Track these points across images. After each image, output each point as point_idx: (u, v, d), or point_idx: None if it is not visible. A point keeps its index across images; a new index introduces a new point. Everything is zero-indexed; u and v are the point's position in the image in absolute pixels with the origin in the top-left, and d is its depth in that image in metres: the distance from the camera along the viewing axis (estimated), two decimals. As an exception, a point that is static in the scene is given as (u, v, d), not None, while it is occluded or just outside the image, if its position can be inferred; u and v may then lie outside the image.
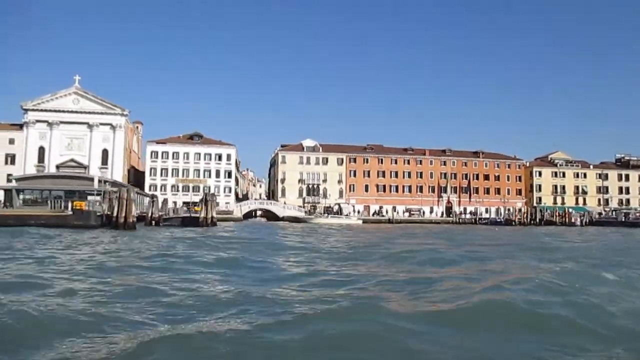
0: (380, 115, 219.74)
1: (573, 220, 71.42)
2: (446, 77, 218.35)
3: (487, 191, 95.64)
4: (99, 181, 43.19)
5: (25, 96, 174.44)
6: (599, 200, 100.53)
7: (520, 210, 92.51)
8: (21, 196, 45.08)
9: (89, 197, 42.42)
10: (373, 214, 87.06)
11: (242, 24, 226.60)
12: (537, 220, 72.99)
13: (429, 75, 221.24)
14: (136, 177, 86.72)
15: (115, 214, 33.53)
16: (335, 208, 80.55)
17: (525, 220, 72.66)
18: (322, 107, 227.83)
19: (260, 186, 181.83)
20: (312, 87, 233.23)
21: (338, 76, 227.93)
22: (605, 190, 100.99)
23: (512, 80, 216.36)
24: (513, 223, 69.95)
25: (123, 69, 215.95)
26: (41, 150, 79.59)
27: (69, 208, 35.88)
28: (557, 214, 75.82)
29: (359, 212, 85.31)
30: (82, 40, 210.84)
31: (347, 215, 75.30)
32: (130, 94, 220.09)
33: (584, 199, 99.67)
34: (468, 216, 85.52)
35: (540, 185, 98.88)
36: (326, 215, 73.28)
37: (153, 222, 42.13)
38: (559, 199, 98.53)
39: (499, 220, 75.57)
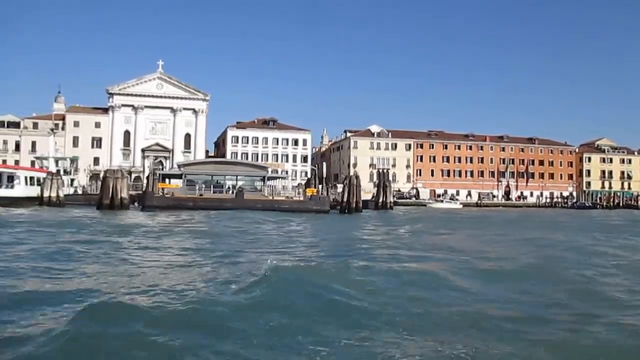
0: (430, 102, 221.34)
1: (654, 204, 76.39)
2: (493, 69, 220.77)
3: (542, 176, 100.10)
4: (259, 167, 45.69)
5: (103, 80, 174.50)
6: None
7: (571, 194, 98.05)
8: (171, 181, 47.42)
9: (256, 183, 45.03)
10: (437, 197, 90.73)
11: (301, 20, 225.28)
12: (618, 204, 77.68)
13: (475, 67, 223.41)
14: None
15: (345, 200, 36.36)
16: (413, 192, 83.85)
17: (609, 204, 77.29)
18: (364, 94, 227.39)
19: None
20: (361, 75, 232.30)
21: (388, 64, 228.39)
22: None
23: (546, 69, 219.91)
24: (598, 207, 74.50)
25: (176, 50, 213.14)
26: (126, 134, 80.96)
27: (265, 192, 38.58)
28: (637, 198, 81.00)
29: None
30: (160, 26, 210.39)
31: (450, 200, 79.41)
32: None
33: (629, 184, 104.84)
34: (534, 199, 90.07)
35: (589, 171, 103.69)
36: (441, 200, 77.03)
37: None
38: (606, 184, 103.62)
39: (587, 204, 79.89)
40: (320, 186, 41.48)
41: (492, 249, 16.33)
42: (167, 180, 46.22)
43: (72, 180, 50.13)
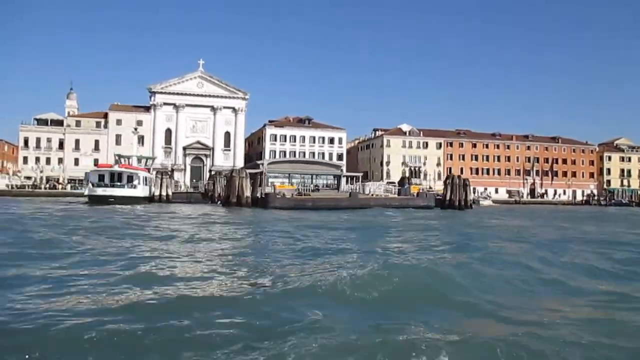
0: (448, 101, 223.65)
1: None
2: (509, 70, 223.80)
3: (565, 174, 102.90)
4: (334, 166, 47.30)
5: (137, 79, 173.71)
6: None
7: (592, 191, 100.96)
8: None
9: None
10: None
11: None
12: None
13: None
14: (246, 159, 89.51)
15: (449, 197, 38.33)
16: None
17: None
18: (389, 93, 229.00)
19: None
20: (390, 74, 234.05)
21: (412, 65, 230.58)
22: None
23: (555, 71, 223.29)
24: (633, 204, 77.33)
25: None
26: (168, 132, 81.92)
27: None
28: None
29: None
30: (168, 27, 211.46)
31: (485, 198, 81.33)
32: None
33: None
34: (563, 197, 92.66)
35: (609, 169, 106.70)
36: (485, 198, 79.09)
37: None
38: (625, 182, 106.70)
39: (624, 202, 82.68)
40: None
41: None
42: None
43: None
